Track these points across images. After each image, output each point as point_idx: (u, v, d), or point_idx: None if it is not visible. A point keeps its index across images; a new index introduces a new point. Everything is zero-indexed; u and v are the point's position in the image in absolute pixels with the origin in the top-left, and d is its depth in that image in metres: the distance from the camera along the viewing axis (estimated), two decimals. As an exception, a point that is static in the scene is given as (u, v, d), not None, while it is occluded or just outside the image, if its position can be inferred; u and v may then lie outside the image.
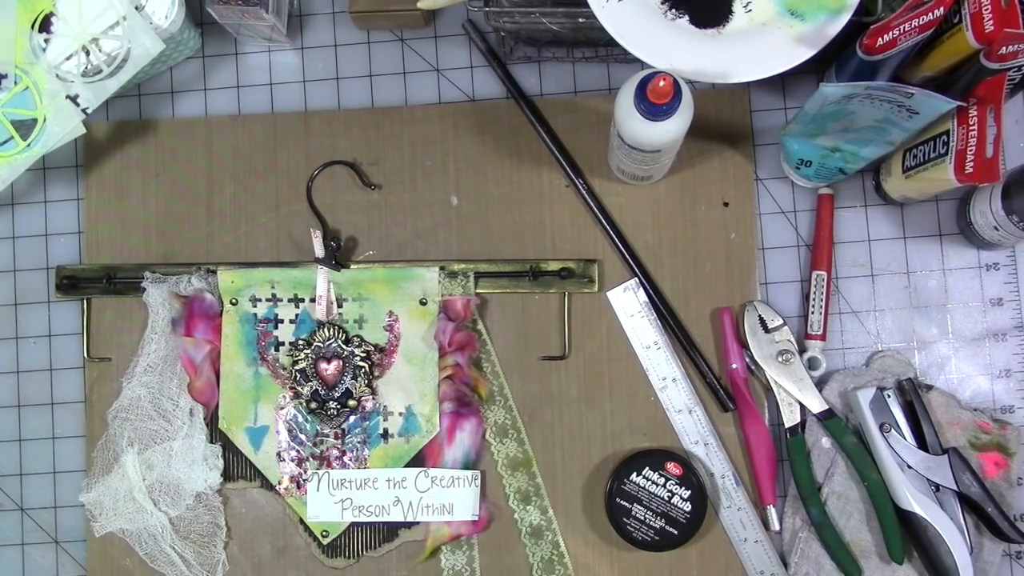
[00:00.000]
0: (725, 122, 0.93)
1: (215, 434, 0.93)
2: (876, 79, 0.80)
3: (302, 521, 0.92)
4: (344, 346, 0.91)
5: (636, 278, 0.92)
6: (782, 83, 0.94)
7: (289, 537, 0.93)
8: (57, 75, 0.89)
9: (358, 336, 0.92)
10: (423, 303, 0.92)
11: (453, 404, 0.91)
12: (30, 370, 0.96)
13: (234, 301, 0.93)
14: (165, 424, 0.92)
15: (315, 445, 0.92)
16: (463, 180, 0.94)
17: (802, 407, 0.89)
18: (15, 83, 0.89)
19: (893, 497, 0.86)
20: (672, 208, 0.93)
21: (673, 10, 0.81)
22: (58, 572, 0.95)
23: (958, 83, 0.80)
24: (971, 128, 0.78)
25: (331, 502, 0.91)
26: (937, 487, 0.85)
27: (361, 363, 0.91)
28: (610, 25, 0.80)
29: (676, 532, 0.87)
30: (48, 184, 0.97)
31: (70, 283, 0.95)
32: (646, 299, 0.92)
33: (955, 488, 0.85)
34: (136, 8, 0.88)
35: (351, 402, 0.91)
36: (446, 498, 0.90)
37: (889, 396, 0.87)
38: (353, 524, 0.92)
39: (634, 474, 0.88)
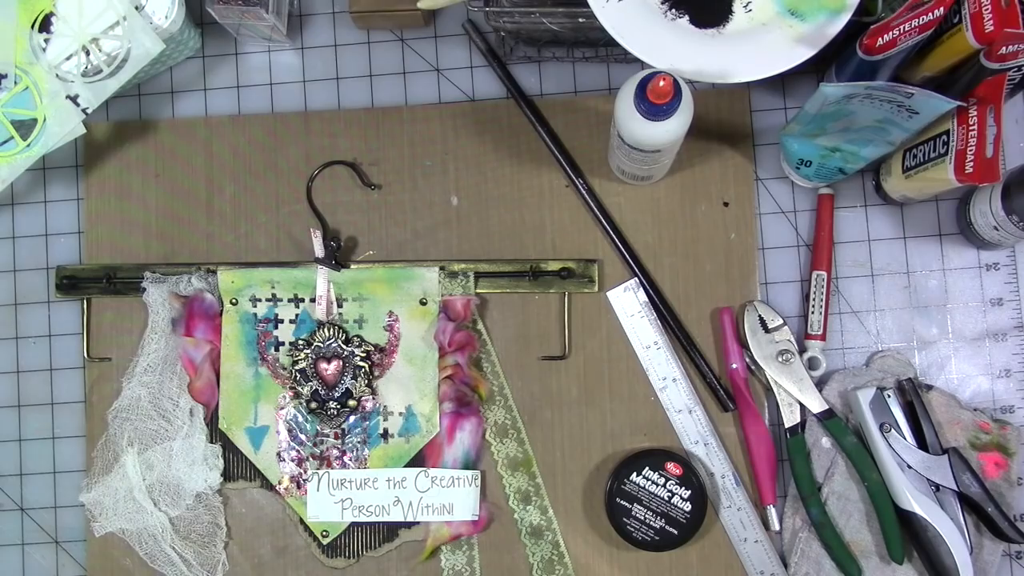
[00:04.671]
0: (725, 122, 0.93)
1: (215, 434, 0.93)
2: (876, 79, 0.80)
3: (302, 521, 0.92)
4: (344, 346, 0.91)
5: (636, 278, 0.92)
6: (782, 83, 0.94)
7: (289, 537, 0.93)
8: (57, 75, 0.89)
9: (358, 336, 0.92)
10: (423, 303, 0.92)
11: (453, 404, 0.91)
12: (30, 370, 0.96)
13: (234, 301, 0.93)
14: (165, 424, 0.92)
15: (315, 445, 0.92)
16: (463, 180, 0.94)
17: (802, 407, 0.89)
18: (15, 83, 0.89)
19: (893, 497, 0.86)
20: (672, 208, 0.93)
21: (673, 10, 0.81)
22: (58, 572, 0.95)
23: (958, 83, 0.80)
24: (971, 128, 0.78)
25: (331, 502, 0.91)
26: (937, 487, 0.85)
27: (361, 363, 0.91)
28: (610, 25, 0.80)
29: (676, 532, 0.87)
30: (48, 184, 0.98)
31: (70, 283, 0.95)
32: (646, 299, 0.92)
33: (955, 488, 0.85)
34: (136, 8, 0.88)
35: (351, 402, 0.91)
36: (446, 498, 0.90)
37: (889, 396, 0.87)
38: (353, 524, 0.92)
39: (634, 474, 0.88)
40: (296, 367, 0.91)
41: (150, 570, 0.93)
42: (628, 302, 0.92)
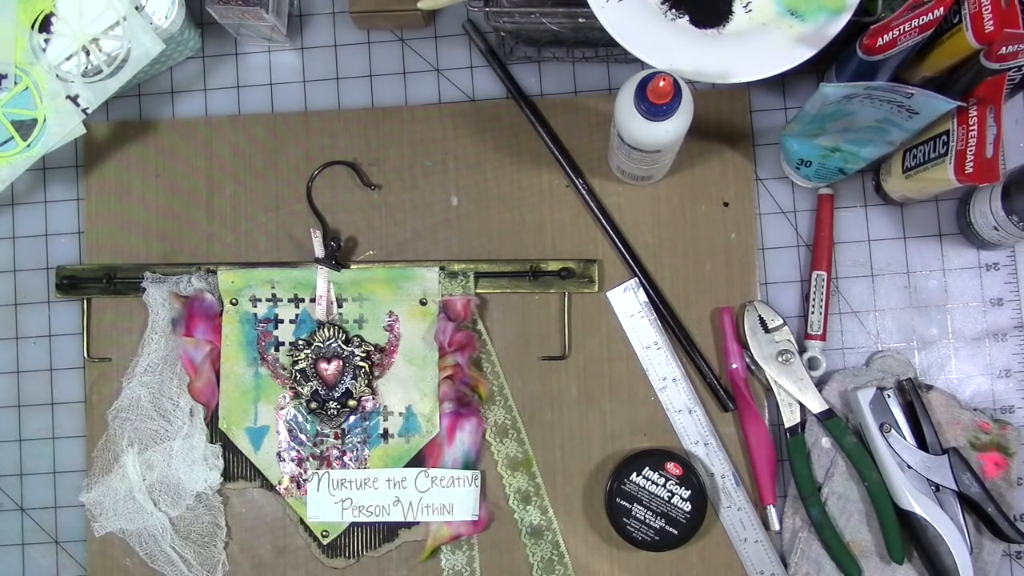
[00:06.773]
0: (725, 122, 0.93)
1: (215, 434, 0.93)
2: (876, 79, 0.80)
3: (302, 521, 0.92)
4: (344, 346, 0.91)
5: (636, 278, 0.92)
6: (782, 83, 0.94)
7: (289, 537, 0.93)
8: (57, 75, 0.89)
9: (358, 336, 0.92)
10: (423, 303, 0.92)
11: (453, 404, 0.91)
12: (30, 370, 0.96)
13: (234, 301, 0.93)
14: (165, 424, 0.92)
15: (315, 445, 0.92)
16: (463, 180, 0.94)
17: (802, 407, 0.89)
18: (15, 83, 0.89)
19: (893, 497, 0.86)
20: (672, 208, 0.93)
21: (673, 10, 0.81)
22: (58, 572, 0.95)
23: (958, 83, 0.80)
24: (971, 128, 0.78)
25: (331, 502, 0.91)
26: (937, 487, 0.85)
27: (361, 363, 0.91)
28: (610, 25, 0.80)
29: (676, 532, 0.87)
30: (48, 184, 0.98)
31: (70, 283, 0.95)
32: (646, 299, 0.92)
33: (955, 488, 0.85)
34: (136, 8, 0.88)
35: (351, 402, 0.91)
36: (446, 498, 0.90)
37: (889, 396, 0.87)
38: (353, 524, 0.92)
39: (634, 474, 0.88)
40: (296, 367, 0.91)
41: (150, 570, 0.93)
42: (628, 302, 0.92)
